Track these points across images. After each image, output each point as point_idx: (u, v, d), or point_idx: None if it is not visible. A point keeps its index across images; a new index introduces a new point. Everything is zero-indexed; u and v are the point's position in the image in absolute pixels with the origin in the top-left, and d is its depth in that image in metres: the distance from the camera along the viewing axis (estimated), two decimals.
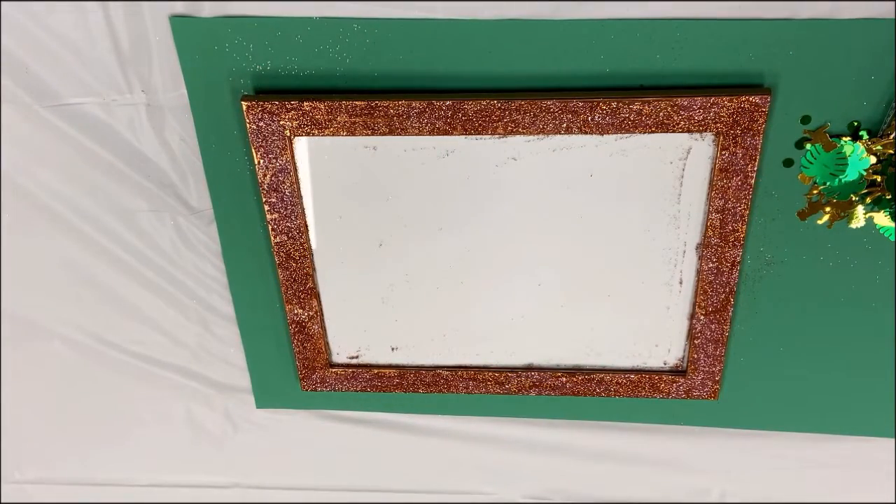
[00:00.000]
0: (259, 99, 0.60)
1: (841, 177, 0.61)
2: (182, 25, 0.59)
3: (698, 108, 0.58)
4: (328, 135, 0.62)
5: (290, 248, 0.68)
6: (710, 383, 0.73)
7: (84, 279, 0.75)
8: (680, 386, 0.74)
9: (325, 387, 0.78)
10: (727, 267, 0.66)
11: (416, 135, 0.61)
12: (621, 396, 0.75)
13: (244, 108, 0.61)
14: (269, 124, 0.61)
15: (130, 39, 0.61)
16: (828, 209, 0.63)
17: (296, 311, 0.72)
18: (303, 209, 0.66)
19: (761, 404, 0.77)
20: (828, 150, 0.60)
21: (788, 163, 0.62)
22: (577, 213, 0.65)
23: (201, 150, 0.66)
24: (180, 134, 0.66)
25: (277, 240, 0.68)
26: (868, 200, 0.62)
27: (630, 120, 0.59)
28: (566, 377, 0.74)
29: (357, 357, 0.77)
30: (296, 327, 0.73)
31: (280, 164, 0.63)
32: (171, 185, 0.69)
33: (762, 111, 0.58)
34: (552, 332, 0.73)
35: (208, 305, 0.77)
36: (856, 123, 0.60)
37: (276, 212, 0.66)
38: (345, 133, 0.61)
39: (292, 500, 0.93)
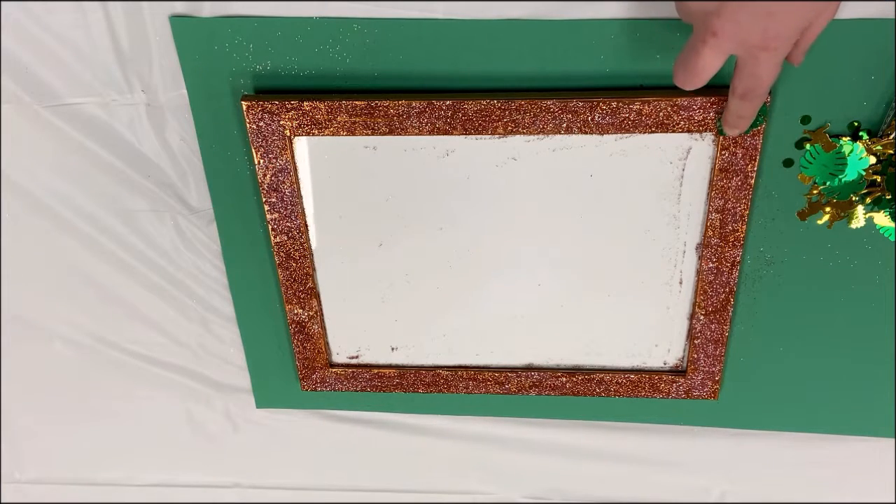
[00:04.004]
0: (259, 99, 0.60)
1: (840, 177, 0.61)
2: (182, 25, 0.59)
3: (698, 108, 0.58)
4: (328, 135, 0.62)
5: (290, 248, 0.68)
6: (710, 383, 0.73)
7: (84, 279, 0.75)
8: (680, 386, 0.74)
9: (325, 387, 0.78)
10: (727, 267, 0.66)
11: (416, 135, 0.61)
12: (621, 396, 0.75)
13: (244, 107, 0.61)
14: (269, 124, 0.61)
15: (130, 39, 0.61)
16: (828, 209, 0.63)
17: (296, 311, 0.72)
18: (303, 209, 0.66)
19: (761, 404, 0.77)
20: (827, 150, 0.60)
21: (788, 163, 0.62)
22: (577, 213, 0.65)
23: (201, 150, 0.66)
24: (180, 134, 0.66)
25: (277, 240, 0.68)
26: (868, 200, 0.62)
27: (630, 120, 0.59)
28: (566, 377, 0.75)
29: (357, 357, 0.77)
30: (296, 327, 0.73)
31: (280, 164, 0.63)
32: (171, 185, 0.69)
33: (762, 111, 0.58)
34: (552, 332, 0.73)
35: (208, 305, 0.77)
36: (856, 123, 0.60)
37: (276, 212, 0.66)
38: (345, 133, 0.61)
39: (292, 500, 0.93)
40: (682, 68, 0.50)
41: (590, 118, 0.59)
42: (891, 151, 0.60)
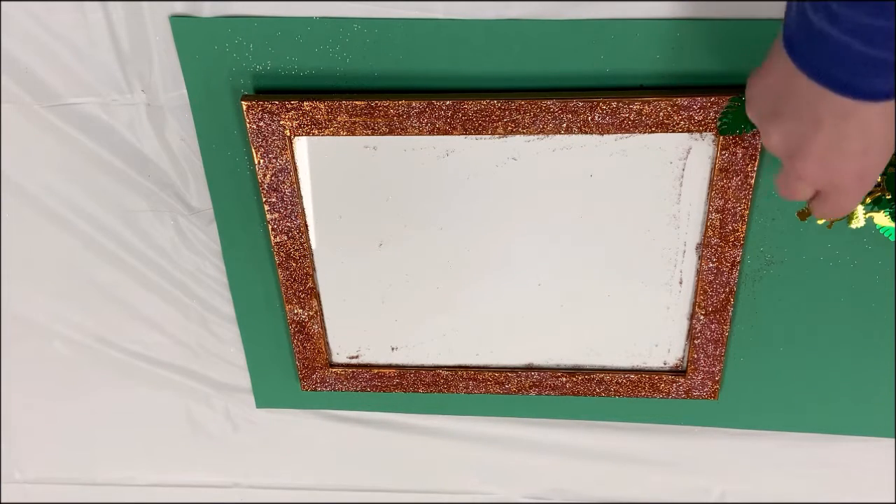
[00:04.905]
0: (259, 99, 0.60)
1: None
2: (182, 25, 0.59)
3: (698, 108, 0.58)
4: (328, 135, 0.62)
5: (290, 248, 0.68)
6: (710, 383, 0.73)
7: (84, 279, 0.75)
8: (680, 386, 0.74)
9: (325, 387, 0.78)
10: (727, 267, 0.66)
11: (416, 135, 0.61)
12: (621, 396, 0.75)
13: (244, 107, 0.61)
14: (269, 124, 0.61)
15: (130, 39, 0.61)
16: None
17: (296, 311, 0.72)
18: (303, 209, 0.66)
19: (761, 404, 0.77)
20: None
21: None
22: (577, 213, 0.65)
23: (201, 150, 0.66)
24: (180, 134, 0.66)
25: (277, 240, 0.68)
26: (868, 200, 0.62)
27: (630, 120, 0.59)
28: (566, 377, 0.75)
29: (357, 357, 0.77)
30: (296, 327, 0.73)
31: (280, 164, 0.63)
32: (171, 185, 0.69)
33: None
34: (552, 332, 0.73)
35: (208, 305, 0.77)
36: None
37: (276, 212, 0.66)
38: (345, 133, 0.61)
39: (292, 500, 0.93)
40: (782, 191, 0.49)
41: (590, 118, 0.59)
42: None
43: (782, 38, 0.43)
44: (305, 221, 0.67)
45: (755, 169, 0.60)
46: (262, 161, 0.63)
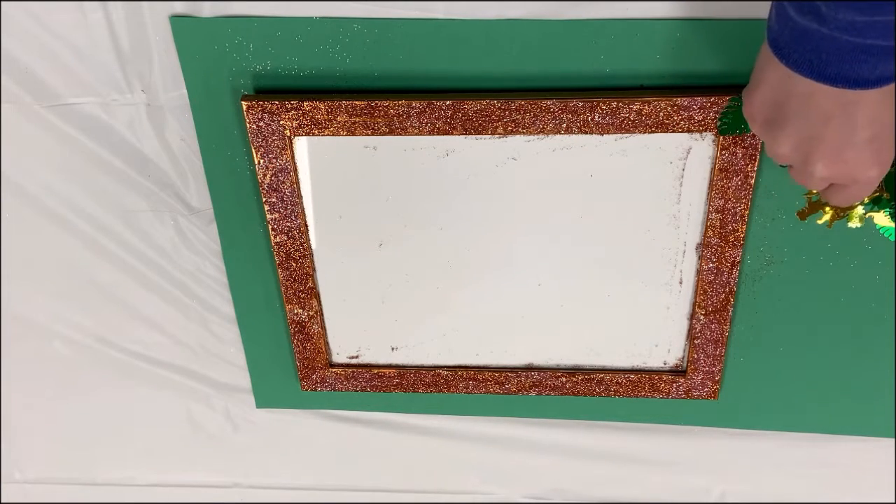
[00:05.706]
0: (259, 99, 0.60)
1: None
2: (182, 25, 0.59)
3: (698, 108, 0.58)
4: (328, 135, 0.62)
5: (290, 248, 0.68)
6: (710, 383, 0.73)
7: (84, 279, 0.76)
8: (680, 386, 0.74)
9: (325, 387, 0.78)
10: (727, 267, 0.66)
11: (416, 135, 0.61)
12: (621, 396, 0.75)
13: (244, 107, 0.61)
14: (269, 124, 0.61)
15: (130, 39, 0.61)
16: (828, 209, 0.63)
17: (296, 311, 0.72)
18: (303, 209, 0.66)
19: (761, 404, 0.77)
20: None
21: None
22: (577, 213, 0.65)
23: (201, 150, 0.66)
24: (180, 134, 0.66)
25: (277, 240, 0.68)
26: (867, 200, 0.62)
27: (630, 120, 0.59)
28: (566, 377, 0.75)
29: (357, 357, 0.77)
30: (296, 327, 0.73)
31: (280, 164, 0.63)
32: (171, 185, 0.69)
33: None
34: (552, 332, 0.73)
35: (208, 305, 0.77)
36: None
37: (276, 212, 0.66)
38: (345, 133, 0.61)
39: (292, 500, 0.93)
40: (797, 182, 0.50)
41: (590, 118, 0.59)
42: None
43: (768, 42, 0.43)
44: (305, 221, 0.67)
45: (755, 169, 0.60)
46: (262, 161, 0.63)
